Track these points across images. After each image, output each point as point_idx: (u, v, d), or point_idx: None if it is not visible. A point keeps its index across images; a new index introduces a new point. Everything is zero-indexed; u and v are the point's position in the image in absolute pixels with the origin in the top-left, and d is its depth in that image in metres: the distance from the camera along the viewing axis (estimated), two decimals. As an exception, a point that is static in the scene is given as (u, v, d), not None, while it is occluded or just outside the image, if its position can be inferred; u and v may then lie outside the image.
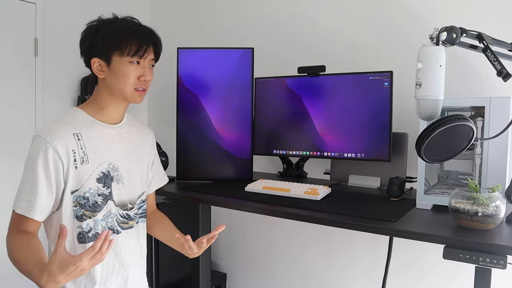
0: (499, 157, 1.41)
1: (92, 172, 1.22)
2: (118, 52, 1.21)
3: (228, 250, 2.77)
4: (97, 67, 1.24)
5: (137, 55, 1.23)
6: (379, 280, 1.94)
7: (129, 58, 1.22)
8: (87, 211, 1.21)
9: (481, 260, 1.15)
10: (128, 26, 1.23)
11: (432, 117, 1.20)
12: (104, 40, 1.21)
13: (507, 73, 1.18)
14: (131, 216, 1.34)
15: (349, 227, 1.42)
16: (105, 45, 1.21)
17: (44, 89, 2.54)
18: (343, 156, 1.94)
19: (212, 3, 2.77)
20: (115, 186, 1.28)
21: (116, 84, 1.24)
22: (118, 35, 1.21)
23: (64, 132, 1.18)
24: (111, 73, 1.23)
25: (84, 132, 1.22)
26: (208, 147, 2.02)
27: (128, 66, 1.23)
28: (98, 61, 1.23)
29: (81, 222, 1.21)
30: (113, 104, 1.28)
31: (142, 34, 1.24)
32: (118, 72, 1.23)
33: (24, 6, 2.42)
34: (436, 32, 1.19)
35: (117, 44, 1.21)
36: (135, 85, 1.25)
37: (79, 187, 1.20)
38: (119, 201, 1.30)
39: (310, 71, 2.01)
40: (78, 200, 1.20)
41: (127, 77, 1.23)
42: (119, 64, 1.22)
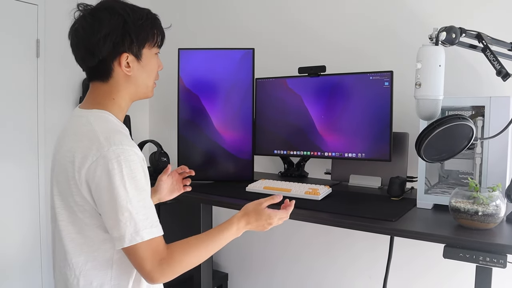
0: (499, 156, 1.41)
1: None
2: (150, 43, 1.10)
3: (229, 250, 2.77)
4: (125, 63, 1.07)
5: (162, 43, 1.14)
6: (379, 279, 1.94)
7: (156, 49, 1.13)
8: None
9: (481, 259, 1.16)
10: (153, 16, 1.13)
11: (432, 117, 1.20)
12: (138, 32, 1.06)
13: (506, 73, 1.19)
14: None
15: (350, 227, 1.42)
16: (139, 37, 1.06)
17: (46, 90, 2.55)
18: (343, 156, 1.94)
19: (213, 4, 2.78)
20: None
21: (145, 80, 1.12)
22: (152, 25, 1.10)
23: (130, 138, 1.05)
24: (140, 68, 1.09)
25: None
26: (209, 148, 2.03)
27: (155, 58, 1.14)
28: (127, 56, 1.06)
29: None
30: (129, 103, 1.14)
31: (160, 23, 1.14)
32: (148, 66, 1.11)
33: (25, 7, 2.43)
34: (436, 32, 1.19)
35: (151, 35, 1.09)
36: (156, 77, 1.17)
37: None
38: None
39: (311, 71, 2.01)
40: None
41: (154, 70, 1.14)
42: (149, 57, 1.11)
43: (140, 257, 0.96)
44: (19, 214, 2.47)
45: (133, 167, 0.97)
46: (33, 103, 2.50)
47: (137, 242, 0.94)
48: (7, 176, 2.40)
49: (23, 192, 2.48)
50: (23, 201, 2.48)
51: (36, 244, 2.54)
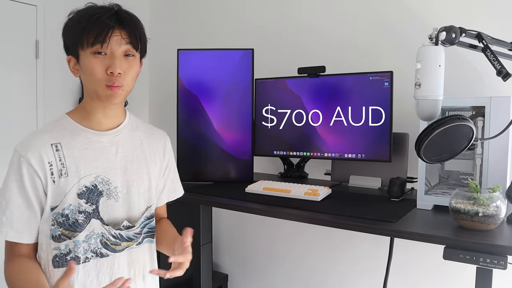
0: (499, 157, 1.41)
1: (73, 186, 1.06)
2: (80, 44, 1.04)
3: (229, 251, 2.77)
4: (72, 66, 1.09)
5: (98, 42, 1.02)
6: (380, 281, 1.93)
7: (90, 49, 1.03)
8: (66, 230, 1.06)
9: (481, 261, 1.15)
10: (87, 13, 1.05)
11: (432, 118, 1.20)
12: (67, 35, 1.08)
13: (506, 73, 1.18)
14: (126, 236, 1.14)
15: (350, 228, 1.42)
16: (69, 40, 1.07)
17: (45, 91, 2.55)
18: (343, 157, 1.94)
19: (212, 5, 2.77)
20: (105, 202, 1.10)
21: (87, 83, 1.08)
22: (76, 25, 1.05)
23: (41, 143, 1.05)
24: (81, 71, 1.08)
25: (66, 142, 1.07)
26: (209, 148, 2.02)
27: (91, 59, 1.04)
28: (71, 59, 1.09)
29: (58, 243, 1.06)
30: (96, 107, 1.11)
31: (100, 18, 1.03)
32: (84, 68, 1.06)
33: (25, 8, 2.43)
34: (435, 32, 1.18)
35: (76, 36, 1.04)
36: (105, 81, 1.05)
37: (58, 203, 1.05)
38: (110, 219, 1.11)
39: (310, 71, 2.00)
40: (57, 218, 1.05)
41: (92, 71, 1.04)
42: (84, 59, 1.05)
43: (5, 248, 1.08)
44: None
45: (12, 167, 1.05)
46: (32, 104, 2.50)
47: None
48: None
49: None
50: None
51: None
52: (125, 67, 1.06)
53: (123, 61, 1.06)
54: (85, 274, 1.08)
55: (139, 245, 1.17)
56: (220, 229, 2.78)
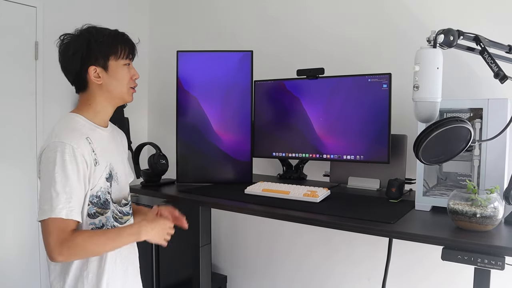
0: (497, 158, 1.41)
1: (102, 172, 1.30)
2: (114, 56, 1.33)
3: (228, 252, 2.77)
4: (94, 74, 1.32)
5: (129, 57, 1.37)
6: (379, 282, 1.94)
7: (123, 61, 1.35)
8: (99, 208, 1.29)
9: (479, 262, 1.16)
10: (116, 33, 1.36)
11: (430, 119, 1.21)
12: (100, 48, 1.30)
13: (504, 75, 1.19)
14: (125, 212, 1.42)
15: (348, 229, 1.42)
16: (101, 52, 1.31)
17: (45, 92, 2.55)
18: (342, 158, 1.95)
19: (211, 6, 2.78)
20: (113, 185, 1.36)
21: (115, 87, 1.35)
22: (113, 41, 1.33)
23: (80, 136, 1.26)
24: (109, 78, 1.33)
25: (91, 136, 1.30)
26: (208, 150, 2.03)
27: (124, 69, 1.36)
28: (95, 69, 1.31)
29: (93, 219, 1.28)
30: (108, 107, 1.38)
31: (128, 38, 1.38)
32: (116, 75, 1.34)
33: (24, 9, 2.44)
34: (434, 35, 1.19)
35: (113, 50, 1.33)
36: (130, 84, 1.38)
37: (93, 187, 1.27)
38: (116, 198, 1.37)
39: (309, 73, 2.01)
40: (91, 199, 1.27)
41: (125, 78, 1.36)
42: (116, 68, 1.34)
43: (48, 232, 1.15)
44: (18, 215, 2.46)
45: (66, 158, 1.19)
46: (31, 105, 2.50)
47: (48, 217, 1.15)
48: (6, 177, 2.40)
49: (22, 193, 2.48)
50: (22, 202, 2.48)
51: (35, 244, 2.53)
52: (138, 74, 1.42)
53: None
54: None
55: (131, 217, 1.47)
56: (219, 230, 2.78)
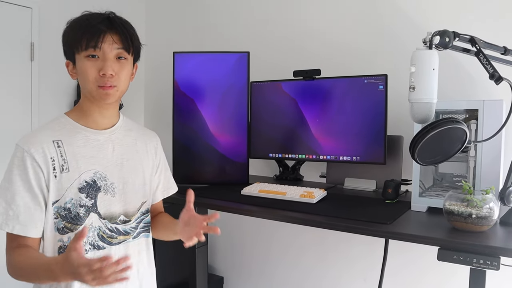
0: (492, 159, 1.42)
1: (74, 181, 1.11)
2: (75, 49, 1.12)
3: (225, 253, 2.77)
4: (71, 69, 1.17)
5: (90, 46, 1.09)
6: (375, 282, 1.94)
7: (84, 53, 1.10)
8: (68, 223, 1.10)
9: (474, 262, 1.16)
10: (82, 20, 1.12)
11: (426, 120, 1.21)
12: (64, 41, 1.15)
13: (499, 76, 1.20)
14: (122, 230, 1.19)
15: (345, 230, 1.43)
16: (66, 46, 1.15)
17: (40, 93, 2.54)
18: (338, 159, 1.95)
19: (207, 8, 2.78)
20: (102, 197, 1.15)
21: (82, 84, 1.15)
22: (71, 30, 1.13)
23: (43, 139, 1.10)
24: (78, 74, 1.15)
25: (66, 139, 1.13)
26: (205, 151, 2.03)
27: (85, 62, 1.11)
28: (69, 63, 1.17)
29: (62, 235, 1.11)
30: (93, 107, 1.17)
31: (93, 22, 1.10)
32: (80, 70, 1.13)
33: (20, 10, 2.43)
34: (429, 36, 1.20)
35: (72, 41, 1.12)
36: (97, 82, 1.11)
37: (60, 197, 1.10)
38: (107, 214, 1.16)
39: (306, 74, 2.02)
40: (59, 212, 1.10)
41: (86, 73, 1.11)
42: (79, 62, 1.12)
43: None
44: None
45: (15, 162, 1.08)
46: (27, 106, 2.49)
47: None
48: (0, 179, 2.38)
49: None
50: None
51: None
52: (117, 68, 1.13)
53: (115, 63, 1.13)
54: None
55: (135, 239, 1.22)
56: (216, 231, 2.78)
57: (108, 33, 1.11)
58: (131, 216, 1.21)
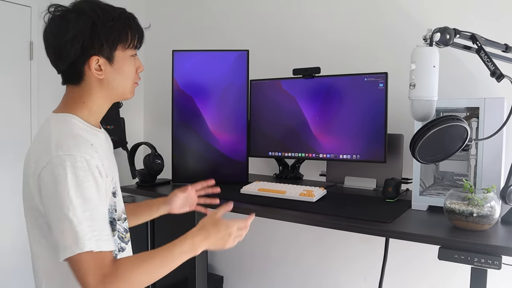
0: (493, 157, 1.41)
1: (109, 186, 1.04)
2: (123, 45, 1.05)
3: (224, 252, 2.76)
4: (96, 66, 1.03)
5: (139, 45, 1.10)
6: (375, 281, 1.93)
7: (131, 51, 1.08)
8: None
9: (476, 261, 1.15)
10: (126, 15, 1.07)
11: (426, 118, 1.20)
12: (108, 33, 1.02)
13: (500, 74, 1.19)
14: (127, 228, 1.17)
15: (345, 229, 1.42)
16: (109, 40, 1.02)
17: (40, 93, 2.53)
18: (338, 158, 1.94)
19: (207, 6, 2.77)
20: (116, 199, 1.09)
21: (120, 83, 1.08)
22: (124, 26, 1.04)
23: (85, 144, 0.98)
24: (113, 71, 1.05)
25: (94, 142, 1.02)
26: (204, 149, 2.02)
27: (131, 61, 1.09)
28: (97, 59, 1.03)
29: None
30: (105, 105, 1.11)
31: (139, 23, 1.10)
32: (122, 68, 1.06)
33: (19, 9, 2.42)
34: (430, 33, 1.19)
35: (123, 37, 1.04)
36: (135, 79, 1.12)
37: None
38: (119, 215, 1.11)
39: (305, 72, 2.01)
40: None
41: (131, 71, 1.09)
42: (123, 60, 1.06)
43: (82, 271, 0.89)
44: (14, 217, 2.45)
45: (80, 174, 0.92)
46: (26, 106, 2.48)
47: (76, 253, 0.88)
48: (1, 178, 2.38)
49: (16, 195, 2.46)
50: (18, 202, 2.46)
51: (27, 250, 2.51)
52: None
53: None
54: None
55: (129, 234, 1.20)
56: (215, 230, 2.77)
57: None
58: (125, 213, 1.18)
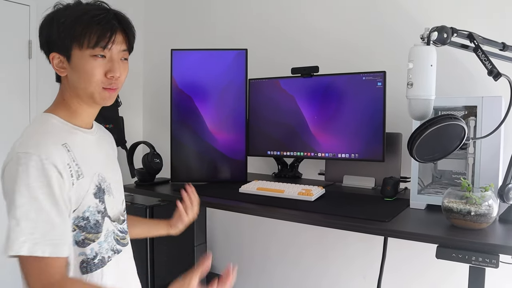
0: (491, 156, 1.41)
1: (89, 187, 1.01)
2: (77, 44, 0.98)
3: (223, 251, 2.76)
4: (58, 63, 1.02)
5: (99, 46, 0.99)
6: (374, 280, 1.94)
7: (90, 51, 0.99)
8: (89, 233, 1.01)
9: (473, 260, 1.16)
10: (87, 11, 1.00)
11: (424, 117, 1.20)
12: (59, 31, 0.98)
13: (497, 73, 1.19)
14: (125, 229, 1.15)
15: (343, 228, 1.42)
16: (61, 37, 0.99)
17: (38, 91, 2.53)
18: (337, 157, 1.94)
19: (206, 5, 2.77)
20: (107, 199, 1.07)
21: (79, 84, 1.01)
22: (74, 22, 0.98)
23: (54, 143, 0.96)
24: (72, 71, 1.01)
25: (70, 142, 1.00)
26: (203, 149, 2.02)
27: (90, 61, 1.00)
28: (58, 57, 1.01)
29: (84, 248, 1.00)
30: (83, 106, 1.06)
31: (104, 19, 1.00)
32: (80, 69, 1.00)
33: (18, 8, 2.42)
34: (427, 32, 1.19)
35: (74, 34, 0.98)
36: (103, 83, 1.02)
37: (77, 207, 0.98)
38: (114, 216, 1.10)
39: (304, 71, 2.01)
40: (77, 223, 0.98)
41: (91, 74, 1.00)
42: (80, 60, 1.00)
43: (24, 273, 0.88)
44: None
45: (32, 173, 0.89)
46: (25, 105, 2.48)
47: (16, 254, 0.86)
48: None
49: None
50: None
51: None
52: (122, 71, 1.05)
53: (121, 65, 1.04)
54: (113, 272, 1.07)
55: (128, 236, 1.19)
56: (214, 229, 2.77)
57: (117, 33, 1.02)
58: (124, 214, 1.16)
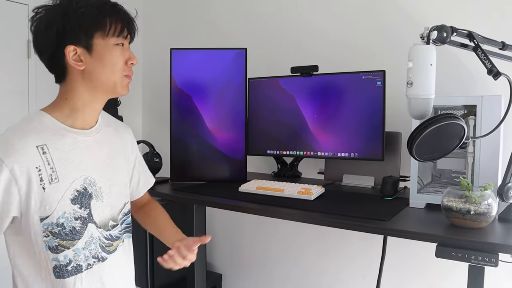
0: (491, 155, 1.42)
1: (65, 192, 0.98)
2: (101, 33, 0.99)
3: (223, 250, 2.76)
4: (74, 56, 0.99)
5: (122, 34, 1.02)
6: (374, 279, 1.94)
7: (114, 40, 1.01)
8: (63, 240, 0.98)
9: (473, 258, 1.16)
10: (105, 2, 1.02)
11: (423, 116, 1.20)
12: (81, 20, 0.97)
13: (497, 72, 1.19)
14: (114, 236, 1.11)
15: (343, 227, 1.42)
16: (83, 27, 0.97)
17: (37, 91, 2.53)
18: (336, 156, 1.94)
19: (205, 4, 2.77)
20: (95, 205, 1.05)
21: (101, 74, 1.01)
22: (99, 12, 0.99)
23: (26, 144, 0.95)
24: (94, 61, 1.00)
25: (52, 143, 0.98)
26: (202, 148, 2.02)
27: (115, 50, 1.02)
28: (74, 49, 0.99)
29: (57, 254, 0.98)
30: (92, 102, 1.05)
31: (122, 9, 1.04)
32: (104, 58, 1.00)
33: (16, 7, 2.41)
34: (427, 31, 1.19)
35: (99, 24, 0.99)
36: (124, 71, 1.04)
37: (50, 213, 0.96)
38: (101, 222, 1.07)
39: (303, 71, 2.01)
40: (50, 229, 0.96)
41: (116, 62, 1.02)
42: (104, 48, 1.00)
43: None
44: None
45: None
46: (24, 104, 2.48)
47: None
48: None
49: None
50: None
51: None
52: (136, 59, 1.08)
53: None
54: (90, 281, 1.05)
55: (123, 243, 1.16)
56: (214, 228, 2.77)
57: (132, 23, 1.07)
58: (117, 220, 1.13)
